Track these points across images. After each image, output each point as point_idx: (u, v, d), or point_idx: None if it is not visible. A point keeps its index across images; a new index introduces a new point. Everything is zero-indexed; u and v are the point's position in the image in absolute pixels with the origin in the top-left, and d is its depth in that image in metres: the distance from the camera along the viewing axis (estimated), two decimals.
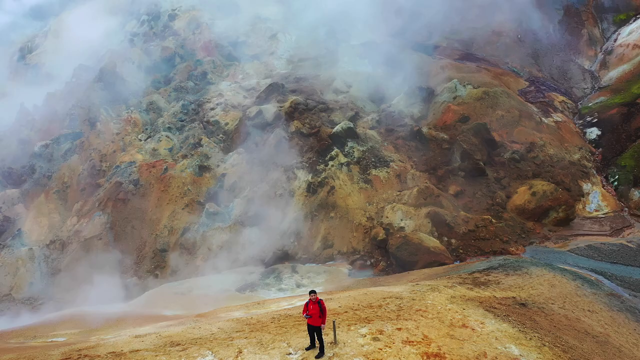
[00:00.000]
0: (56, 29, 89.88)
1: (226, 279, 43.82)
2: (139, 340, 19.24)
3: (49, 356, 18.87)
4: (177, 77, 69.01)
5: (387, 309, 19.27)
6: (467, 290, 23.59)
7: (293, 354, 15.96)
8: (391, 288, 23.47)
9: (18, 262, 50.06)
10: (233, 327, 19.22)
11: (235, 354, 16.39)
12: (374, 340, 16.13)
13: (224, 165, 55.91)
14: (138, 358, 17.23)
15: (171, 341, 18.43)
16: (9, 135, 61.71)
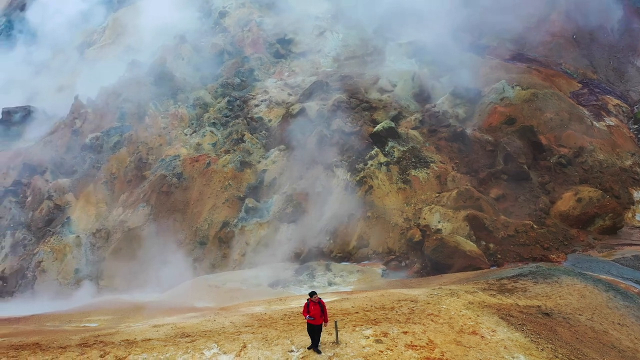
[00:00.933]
0: (113, 26, 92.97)
1: (260, 274, 44.32)
2: (154, 330, 19.77)
3: (69, 340, 19.63)
4: (225, 74, 70.16)
5: (398, 312, 19.07)
6: (488, 296, 23.04)
7: (295, 351, 16.03)
8: (410, 291, 23.18)
9: (66, 248, 52.18)
10: (244, 321, 19.47)
11: (239, 348, 16.61)
12: (377, 342, 15.99)
13: (265, 162, 56.50)
14: (148, 347, 17.70)
15: (183, 332, 18.85)
16: (63, 127, 64.36)
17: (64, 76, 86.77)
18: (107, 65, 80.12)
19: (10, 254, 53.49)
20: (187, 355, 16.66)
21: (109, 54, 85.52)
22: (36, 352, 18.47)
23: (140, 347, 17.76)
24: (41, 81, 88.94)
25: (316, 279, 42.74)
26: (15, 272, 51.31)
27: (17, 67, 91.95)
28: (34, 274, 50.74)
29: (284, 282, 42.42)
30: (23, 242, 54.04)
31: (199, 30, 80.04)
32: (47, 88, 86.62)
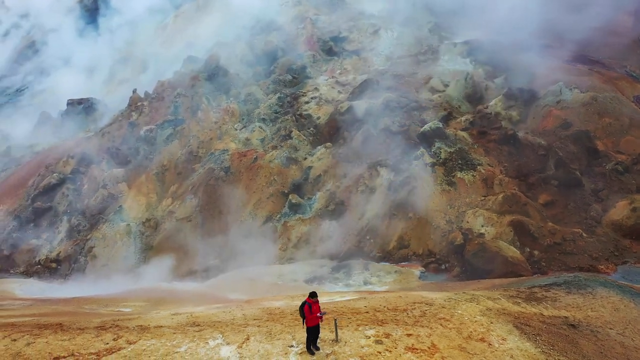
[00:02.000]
0: (175, 22, 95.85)
1: (298, 270, 44.64)
2: (170, 318, 20.31)
3: (90, 322, 20.45)
4: (277, 70, 70.94)
5: (409, 314, 18.77)
6: (511, 304, 22.32)
7: (294, 346, 16.09)
8: (430, 294, 22.76)
9: (116, 236, 54.20)
10: (256, 314, 19.69)
11: (242, 340, 16.83)
12: (376, 343, 15.82)
13: (311, 159, 56.77)
14: (158, 333, 18.22)
15: (194, 322, 19.28)
16: (120, 119, 66.85)
17: (127, 69, 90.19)
18: (166, 60, 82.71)
19: (65, 239, 56.08)
20: (192, 343, 17.04)
21: (170, 50, 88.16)
22: (57, 332, 19.34)
23: (151, 334, 18.31)
24: (105, 74, 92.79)
25: (352, 277, 42.62)
26: (69, 257, 53.74)
27: (92, 60, 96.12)
28: (85, 258, 52.99)
29: (320, 278, 42.52)
30: (78, 227, 56.54)
31: (255, 28, 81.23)
32: (111, 80, 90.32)
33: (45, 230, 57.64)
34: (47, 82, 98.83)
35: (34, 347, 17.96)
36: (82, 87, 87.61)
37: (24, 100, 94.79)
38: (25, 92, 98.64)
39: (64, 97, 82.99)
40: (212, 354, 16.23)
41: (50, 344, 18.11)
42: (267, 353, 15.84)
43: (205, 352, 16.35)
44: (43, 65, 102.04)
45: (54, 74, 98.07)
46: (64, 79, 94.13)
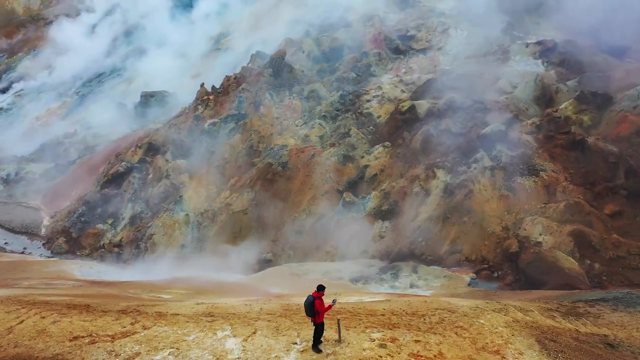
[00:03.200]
0: (249, 18, 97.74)
1: (346, 268, 44.42)
2: (190, 307, 20.68)
3: (115, 306, 21.18)
4: (342, 68, 70.79)
5: (426, 320, 18.13)
6: (545, 317, 21.12)
7: (298, 344, 15.92)
8: (459, 301, 21.92)
9: (175, 224, 55.93)
10: (272, 309, 19.67)
11: (249, 334, 16.85)
12: (380, 347, 15.36)
13: (368, 157, 56.28)
14: (172, 321, 18.59)
15: (210, 312, 19.52)
16: (187, 111, 68.89)
17: (199, 64, 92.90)
18: (236, 55, 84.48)
19: (128, 225, 58.51)
20: (201, 333, 17.25)
21: (241, 45, 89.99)
22: (82, 313, 20.13)
23: (166, 320, 18.69)
24: (182, 67, 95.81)
25: (399, 279, 41.94)
26: (131, 242, 56.03)
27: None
28: (145, 245, 55.04)
29: (365, 278, 42.11)
30: (140, 215, 58.84)
31: (323, 25, 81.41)
32: (186, 74, 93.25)
33: (111, 215, 60.36)
34: (126, 74, 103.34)
35: (58, 326, 18.77)
36: (161, 79, 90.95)
37: (105, 90, 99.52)
38: (106, 83, 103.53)
39: (145, 88, 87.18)
40: (217, 345, 16.35)
41: (73, 323, 18.86)
42: (270, 348, 15.77)
43: (211, 343, 16.50)
44: (129, 57, 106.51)
45: (137, 66, 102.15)
46: (144, 72, 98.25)
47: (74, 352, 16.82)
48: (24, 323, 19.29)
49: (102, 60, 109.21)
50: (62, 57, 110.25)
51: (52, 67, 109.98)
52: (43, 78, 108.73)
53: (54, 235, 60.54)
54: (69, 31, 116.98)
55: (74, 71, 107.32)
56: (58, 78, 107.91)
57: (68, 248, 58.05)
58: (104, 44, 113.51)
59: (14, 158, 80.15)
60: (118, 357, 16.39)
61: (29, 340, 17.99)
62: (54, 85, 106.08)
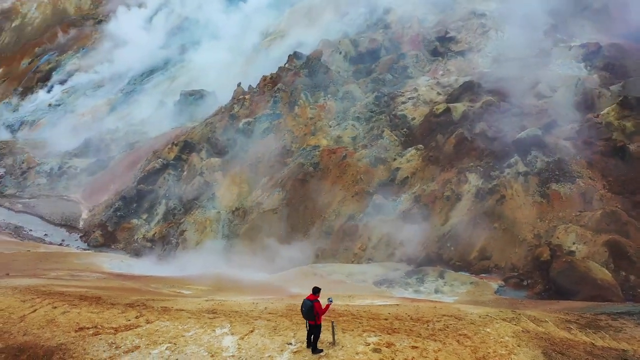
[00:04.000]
0: (288, 19, 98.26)
1: (370, 271, 44.06)
2: (197, 303, 20.86)
3: (125, 299, 21.58)
4: (378, 69, 70.36)
5: (429, 326, 17.72)
6: (560, 329, 20.37)
7: (292, 344, 15.82)
8: (470, 308, 21.36)
9: (207, 221, 56.69)
10: (276, 308, 19.60)
11: (246, 332, 16.85)
12: (373, 352, 15.08)
13: (400, 160, 55.70)
14: (175, 316, 18.79)
15: (214, 309, 19.62)
16: (223, 110, 69.72)
17: (240, 63, 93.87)
18: (275, 55, 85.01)
19: (161, 221, 59.62)
20: (200, 329, 17.36)
21: (280, 45, 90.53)
22: (91, 305, 20.56)
23: (169, 315, 18.90)
24: (226, 68, 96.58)
25: (424, 284, 41.31)
26: (163, 237, 57.09)
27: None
28: (177, 240, 55.99)
29: (390, 282, 41.63)
30: (173, 211, 59.86)
31: (362, 26, 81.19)
32: (226, 74, 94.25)
33: (145, 211, 61.64)
34: (174, 70, 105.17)
35: (67, 316, 19.21)
36: (209, 75, 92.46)
37: (149, 88, 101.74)
38: (151, 80, 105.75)
39: (188, 86, 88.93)
40: (214, 342, 16.41)
41: (82, 314, 19.28)
42: (264, 347, 15.73)
43: (208, 339, 16.58)
44: (182, 51, 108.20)
45: (189, 60, 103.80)
46: (194, 67, 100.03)
47: (77, 343, 17.18)
48: (36, 312, 19.83)
49: (155, 55, 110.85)
50: (114, 53, 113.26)
51: (101, 64, 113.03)
52: (91, 75, 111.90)
53: (91, 229, 62.29)
54: (124, 26, 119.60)
55: (125, 66, 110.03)
56: (106, 75, 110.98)
57: (103, 241, 59.58)
58: (157, 38, 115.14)
59: (59, 153, 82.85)
60: (118, 349, 16.65)
61: (37, 329, 18.48)
62: (101, 83, 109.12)
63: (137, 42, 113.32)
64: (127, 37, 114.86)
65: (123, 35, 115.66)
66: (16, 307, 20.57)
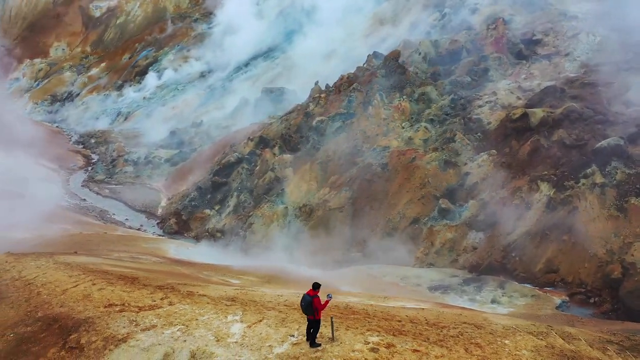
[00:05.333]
0: (374, 17, 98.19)
1: (426, 275, 43.35)
2: (222, 291, 21.57)
3: (158, 281, 22.71)
4: (457, 71, 68.64)
5: (442, 332, 17.22)
6: (593, 349, 19.12)
7: (294, 337, 15.99)
8: (495, 317, 20.53)
9: (274, 216, 57.93)
10: (293, 301, 19.79)
11: (255, 321, 17.21)
12: (371, 351, 14.90)
13: (471, 165, 54.18)
14: (196, 301, 19.52)
15: (234, 297, 20.19)
16: (299, 108, 70.82)
17: (322, 62, 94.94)
18: (357, 54, 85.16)
19: (232, 213, 61.57)
20: (214, 315, 17.94)
21: (364, 45, 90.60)
22: (126, 284, 21.76)
23: (190, 300, 19.66)
24: (307, 66, 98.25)
25: (481, 293, 40.08)
26: (232, 229, 58.98)
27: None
28: (245, 233, 57.62)
29: (445, 287, 40.74)
30: (244, 204, 61.63)
31: (446, 27, 79.63)
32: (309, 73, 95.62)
33: (218, 202, 63.95)
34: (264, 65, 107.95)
35: (101, 293, 20.48)
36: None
37: (234, 84, 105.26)
38: (239, 76, 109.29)
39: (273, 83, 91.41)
40: (223, 328, 16.92)
41: (115, 292, 20.47)
42: (267, 337, 16.03)
43: (217, 325, 17.12)
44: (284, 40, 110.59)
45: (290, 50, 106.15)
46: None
47: (102, 318, 18.29)
48: (77, 287, 21.28)
49: (259, 44, 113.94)
50: (210, 48, 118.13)
51: (194, 60, 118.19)
52: (184, 71, 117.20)
53: (167, 216, 65.46)
54: (224, 19, 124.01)
55: (221, 60, 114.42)
56: (198, 70, 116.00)
57: (177, 229, 62.45)
58: (253, 31, 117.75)
59: (147, 143, 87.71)
60: (137, 326, 17.56)
61: (73, 302, 19.84)
62: (192, 78, 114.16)
63: (235, 37, 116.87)
64: (226, 31, 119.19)
65: (222, 30, 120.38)
66: (62, 281, 22.15)
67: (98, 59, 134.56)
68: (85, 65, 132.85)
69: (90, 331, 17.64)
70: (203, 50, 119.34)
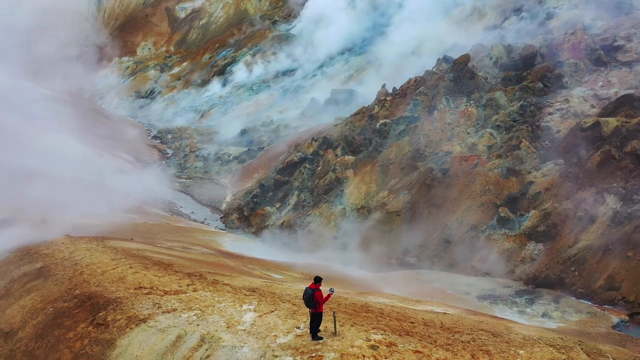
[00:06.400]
0: (448, 21, 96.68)
1: (477, 284, 42.38)
2: (247, 282, 22.29)
3: (191, 269, 23.62)
4: (530, 77, 66.38)
5: (454, 336, 16.92)
6: None
7: (300, 328, 16.28)
8: (521, 329, 19.94)
9: (332, 216, 58.42)
10: None
11: (267, 311, 17.67)
12: (370, 348, 14.90)
13: (535, 174, 52.37)
14: (218, 289, 20.28)
15: (256, 288, 20.77)
16: (364, 110, 70.88)
17: (392, 66, 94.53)
18: (427, 58, 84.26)
19: (291, 211, 62.56)
20: (230, 303, 18.59)
21: (434, 50, 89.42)
22: (160, 270, 22.86)
23: (213, 287, 20.41)
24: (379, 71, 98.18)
25: (533, 305, 38.77)
26: (290, 227, 59.93)
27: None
28: (302, 231, 58.45)
29: (495, 298, 39.67)
30: (303, 203, 62.48)
31: (521, 31, 77.29)
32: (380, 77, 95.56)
33: (279, 200, 65.21)
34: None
35: (135, 276, 21.65)
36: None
37: (306, 85, 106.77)
38: (311, 79, 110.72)
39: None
40: (236, 316, 17.51)
41: (147, 276, 21.60)
42: (274, 327, 16.45)
43: (231, 313, 17.73)
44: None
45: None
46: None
47: (130, 299, 19.39)
48: (115, 270, 22.60)
49: (328, 48, 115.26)
50: (289, 47, 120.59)
51: (269, 62, 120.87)
52: (259, 71, 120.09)
53: (230, 211, 67.48)
54: (303, 21, 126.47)
55: (296, 61, 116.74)
56: (274, 71, 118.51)
57: (238, 224, 64.25)
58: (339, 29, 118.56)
59: (219, 140, 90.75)
60: (159, 309, 18.50)
61: (108, 283, 21.12)
62: (267, 79, 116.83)
63: (313, 40, 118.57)
64: (304, 33, 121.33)
65: (299, 33, 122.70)
66: (104, 264, 23.59)
67: (180, 59, 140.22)
68: (168, 64, 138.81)
69: (116, 310, 18.77)
70: (280, 51, 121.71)
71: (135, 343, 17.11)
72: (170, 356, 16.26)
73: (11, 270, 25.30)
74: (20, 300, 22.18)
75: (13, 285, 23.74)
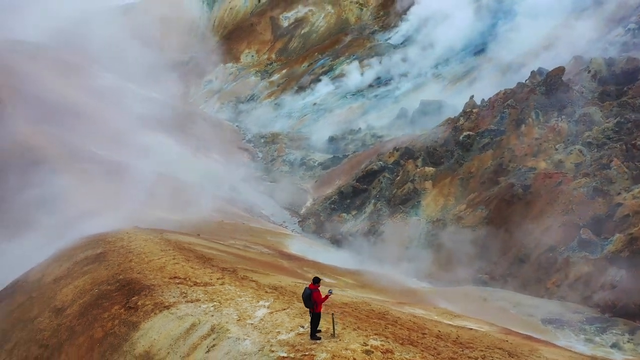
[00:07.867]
0: (548, 35, 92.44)
1: (544, 306, 40.37)
2: (277, 280, 22.87)
3: (225, 263, 24.53)
4: (631, 93, 61.93)
5: (465, 352, 16.33)
6: None
7: (303, 327, 16.44)
8: (550, 353, 18.89)
9: (406, 227, 57.93)
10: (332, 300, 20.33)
11: (278, 309, 18.00)
12: (364, 352, 14.74)
13: (625, 195, 48.85)
14: (244, 285, 20.90)
15: (278, 287, 21.24)
16: (449, 122, 69.52)
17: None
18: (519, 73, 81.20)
19: (367, 219, 62.63)
20: (248, 298, 19.18)
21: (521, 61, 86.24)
22: (197, 263, 23.95)
23: (239, 283, 21.10)
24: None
25: (604, 335, 36.30)
26: (364, 235, 60.05)
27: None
28: (375, 239, 58.37)
29: (561, 322, 37.52)
30: (379, 211, 62.35)
31: (627, 44, 72.47)
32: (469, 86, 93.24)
33: (355, 207, 65.52)
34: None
35: (174, 267, 22.94)
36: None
37: (397, 95, 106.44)
38: (400, 88, 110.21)
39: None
40: (250, 310, 18.07)
41: (184, 267, 22.80)
42: (280, 324, 16.78)
43: (246, 307, 18.32)
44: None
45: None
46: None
47: (162, 286, 20.60)
48: (159, 260, 24.03)
49: (426, 59, 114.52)
50: (383, 58, 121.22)
51: (367, 69, 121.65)
52: (355, 80, 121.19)
53: (308, 216, 68.69)
54: (401, 31, 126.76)
55: (391, 71, 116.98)
56: (368, 80, 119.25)
57: (315, 229, 65.24)
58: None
59: (308, 146, 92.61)
60: (185, 298, 19.54)
61: (148, 271, 22.52)
62: (361, 88, 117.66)
63: (410, 49, 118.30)
64: (404, 43, 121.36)
65: (398, 42, 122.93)
66: (152, 253, 25.15)
67: (280, 66, 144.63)
68: (268, 71, 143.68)
69: (147, 296, 20.02)
70: (376, 61, 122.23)
71: (156, 327, 18.20)
72: (182, 342, 17.15)
73: (77, 254, 27.60)
74: (75, 280, 24.20)
75: (74, 268, 25.90)
